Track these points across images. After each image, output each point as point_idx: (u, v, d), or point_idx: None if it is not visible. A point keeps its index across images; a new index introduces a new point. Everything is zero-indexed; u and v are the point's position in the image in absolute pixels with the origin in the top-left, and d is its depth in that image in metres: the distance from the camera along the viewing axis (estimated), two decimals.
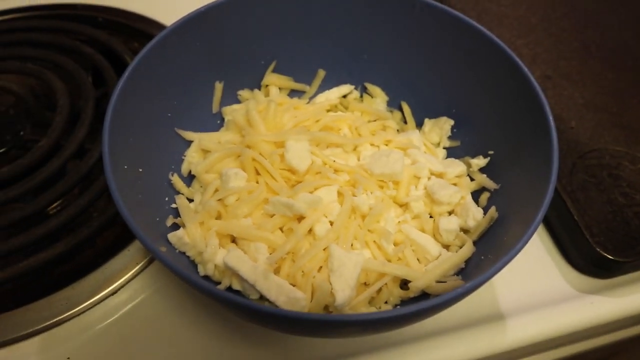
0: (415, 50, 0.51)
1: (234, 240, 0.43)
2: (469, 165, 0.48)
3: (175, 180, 0.46)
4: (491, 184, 0.46)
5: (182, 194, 0.46)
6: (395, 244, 0.43)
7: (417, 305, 0.32)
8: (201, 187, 0.47)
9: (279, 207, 0.42)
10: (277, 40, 0.52)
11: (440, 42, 0.49)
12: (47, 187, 0.49)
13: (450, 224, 0.43)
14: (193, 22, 0.47)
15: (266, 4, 0.49)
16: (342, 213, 0.42)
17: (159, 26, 0.63)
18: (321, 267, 0.41)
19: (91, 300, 0.44)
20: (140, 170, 0.42)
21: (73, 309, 0.44)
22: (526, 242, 0.35)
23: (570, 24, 0.64)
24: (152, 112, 0.45)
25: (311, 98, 0.54)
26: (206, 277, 0.41)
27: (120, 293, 0.45)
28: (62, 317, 0.43)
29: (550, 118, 0.40)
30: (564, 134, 0.53)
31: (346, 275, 0.39)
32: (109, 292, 0.45)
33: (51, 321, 0.43)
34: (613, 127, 0.54)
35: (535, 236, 0.49)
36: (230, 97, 0.52)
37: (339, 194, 0.44)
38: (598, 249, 0.44)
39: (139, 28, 0.63)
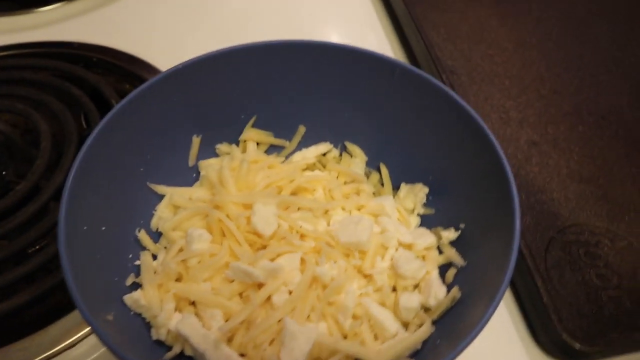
0: (394, 113, 0.50)
1: (194, 302, 0.43)
2: (439, 237, 0.47)
3: (142, 236, 0.46)
4: (458, 260, 0.45)
5: (148, 250, 0.46)
6: (354, 317, 0.42)
7: None
8: (168, 244, 0.47)
9: (238, 273, 0.42)
10: (258, 96, 0.52)
11: (418, 108, 0.48)
12: (24, 230, 0.50)
13: (410, 302, 0.42)
14: (171, 78, 0.47)
15: (247, 62, 0.49)
16: (302, 283, 0.42)
17: (151, 69, 0.64)
18: (274, 339, 0.40)
19: (48, 353, 0.44)
20: (104, 228, 0.42)
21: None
22: (477, 334, 0.34)
23: (564, 84, 0.62)
24: (123, 168, 0.45)
25: (291, 153, 0.54)
26: (158, 341, 0.41)
27: (78, 346, 0.45)
28: None
29: (516, 202, 0.39)
30: (544, 206, 0.51)
31: (296, 350, 0.38)
32: (68, 344, 0.45)
33: None
34: (597, 201, 0.52)
35: (505, 312, 0.48)
36: (209, 150, 0.52)
37: (302, 261, 0.44)
38: (565, 336, 0.43)
39: (131, 70, 0.64)
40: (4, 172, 0.54)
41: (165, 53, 0.67)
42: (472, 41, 0.65)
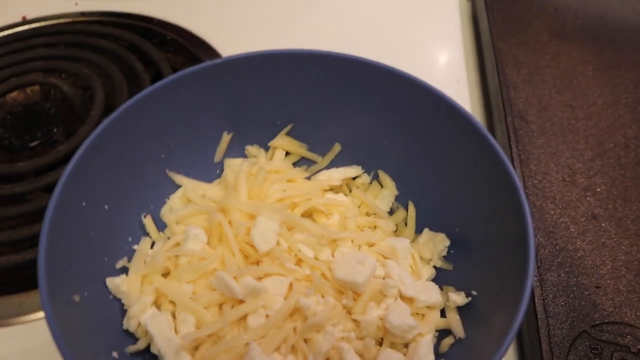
0: (434, 150, 0.46)
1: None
2: (447, 299, 0.42)
3: (147, 221, 0.46)
4: (459, 330, 0.40)
5: (150, 237, 0.45)
6: None
7: None
8: (171, 235, 0.46)
9: (221, 284, 0.40)
10: (298, 105, 0.50)
11: (459, 151, 0.44)
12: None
13: None
14: (210, 70, 0.46)
15: (294, 68, 0.48)
16: (281, 311, 0.39)
17: (215, 57, 0.64)
18: None
19: (39, 313, 0.46)
20: (106, 207, 0.42)
21: (22, 315, 0.46)
22: None
23: None
24: (142, 152, 0.45)
25: (321, 170, 0.52)
26: (129, 332, 0.41)
27: None
28: (10, 320, 0.45)
29: (528, 287, 0.34)
30: (585, 292, 0.44)
31: None
32: None
33: None
34: None
35: None
36: (239, 149, 0.51)
37: (291, 287, 0.41)
38: None
39: (197, 55, 0.64)
40: (54, 130, 0.57)
41: (234, 43, 0.67)
42: (556, 89, 0.58)
